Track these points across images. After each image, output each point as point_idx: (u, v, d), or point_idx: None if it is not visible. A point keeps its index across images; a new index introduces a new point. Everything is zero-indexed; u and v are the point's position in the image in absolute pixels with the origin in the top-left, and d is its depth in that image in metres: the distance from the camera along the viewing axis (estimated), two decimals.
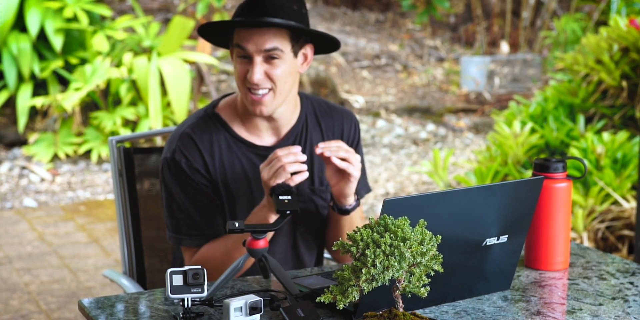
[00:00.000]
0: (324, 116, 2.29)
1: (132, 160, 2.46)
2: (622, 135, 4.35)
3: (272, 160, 2.00)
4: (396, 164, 6.84)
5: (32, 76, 6.69)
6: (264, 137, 2.21)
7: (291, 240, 2.26)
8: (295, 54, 2.13)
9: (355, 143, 2.33)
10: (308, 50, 2.18)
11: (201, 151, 2.17)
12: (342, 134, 2.31)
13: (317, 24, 10.29)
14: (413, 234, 1.53)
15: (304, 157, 2.02)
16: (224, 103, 2.24)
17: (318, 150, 2.03)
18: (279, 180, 1.97)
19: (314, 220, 2.27)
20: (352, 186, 2.09)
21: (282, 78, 2.10)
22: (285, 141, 2.22)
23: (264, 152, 2.19)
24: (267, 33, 2.07)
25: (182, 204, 2.17)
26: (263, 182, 2.01)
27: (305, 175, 2.02)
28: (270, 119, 2.18)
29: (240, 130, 2.20)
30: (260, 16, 2.05)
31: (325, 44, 2.21)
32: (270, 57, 2.08)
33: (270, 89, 2.11)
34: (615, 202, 4.14)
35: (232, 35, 2.13)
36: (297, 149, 2.01)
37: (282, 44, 2.08)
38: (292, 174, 2.00)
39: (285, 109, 2.19)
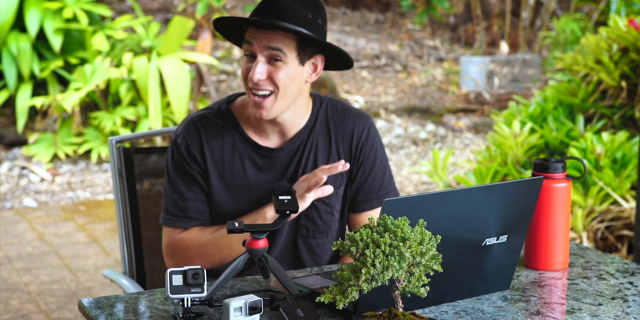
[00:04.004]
0: (335, 119, 2.27)
1: (132, 160, 2.46)
2: (622, 135, 4.35)
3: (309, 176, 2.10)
4: (396, 164, 6.84)
5: (32, 76, 6.69)
6: (270, 139, 2.22)
7: (292, 244, 2.26)
8: (302, 62, 2.12)
9: (369, 147, 2.28)
10: (318, 60, 2.16)
11: (202, 141, 2.20)
12: (352, 138, 2.27)
13: None
14: (413, 234, 1.53)
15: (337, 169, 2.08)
16: (240, 101, 2.27)
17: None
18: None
19: (317, 224, 2.26)
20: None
21: (285, 82, 2.10)
22: (291, 144, 2.22)
23: (267, 153, 2.21)
24: (274, 34, 2.08)
25: (177, 186, 2.21)
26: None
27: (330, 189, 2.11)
28: (274, 122, 2.19)
29: (248, 129, 2.22)
30: (271, 18, 2.07)
31: (337, 59, 2.19)
32: (273, 58, 2.09)
33: (272, 92, 2.11)
34: (615, 202, 4.15)
35: (244, 35, 2.15)
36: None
37: (286, 48, 2.08)
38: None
39: (291, 115, 2.19)
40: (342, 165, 2.08)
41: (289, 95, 2.12)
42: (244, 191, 2.21)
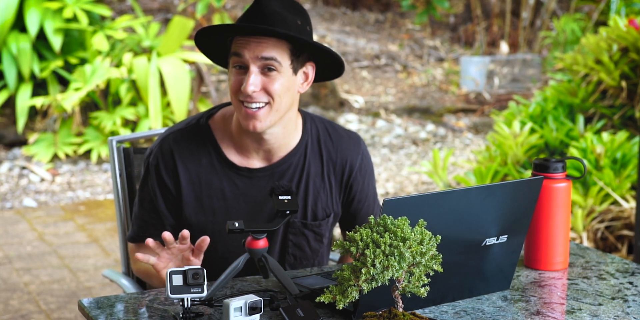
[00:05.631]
0: (327, 144, 2.16)
1: (131, 160, 2.46)
2: (622, 135, 4.35)
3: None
4: (396, 164, 6.84)
5: (32, 76, 6.69)
6: (252, 160, 2.11)
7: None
8: (295, 71, 2.01)
9: (362, 174, 2.20)
10: (309, 69, 2.07)
11: (176, 163, 2.10)
12: (344, 166, 2.18)
13: (317, 24, 10.30)
14: (413, 234, 1.53)
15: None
16: (220, 115, 2.15)
17: None
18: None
19: (305, 252, 2.20)
20: None
21: (280, 93, 1.98)
22: (277, 167, 2.11)
23: (247, 173, 2.10)
24: (266, 41, 1.96)
25: (138, 201, 2.17)
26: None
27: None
28: (260, 139, 2.07)
29: (228, 148, 2.11)
30: (261, 24, 1.96)
31: (327, 66, 2.09)
32: (267, 68, 1.97)
33: (267, 103, 1.99)
34: (615, 202, 4.15)
35: (230, 47, 2.03)
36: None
37: (280, 56, 1.97)
38: None
39: (279, 131, 2.07)
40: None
41: (283, 106, 2.01)
42: (222, 212, 2.11)
